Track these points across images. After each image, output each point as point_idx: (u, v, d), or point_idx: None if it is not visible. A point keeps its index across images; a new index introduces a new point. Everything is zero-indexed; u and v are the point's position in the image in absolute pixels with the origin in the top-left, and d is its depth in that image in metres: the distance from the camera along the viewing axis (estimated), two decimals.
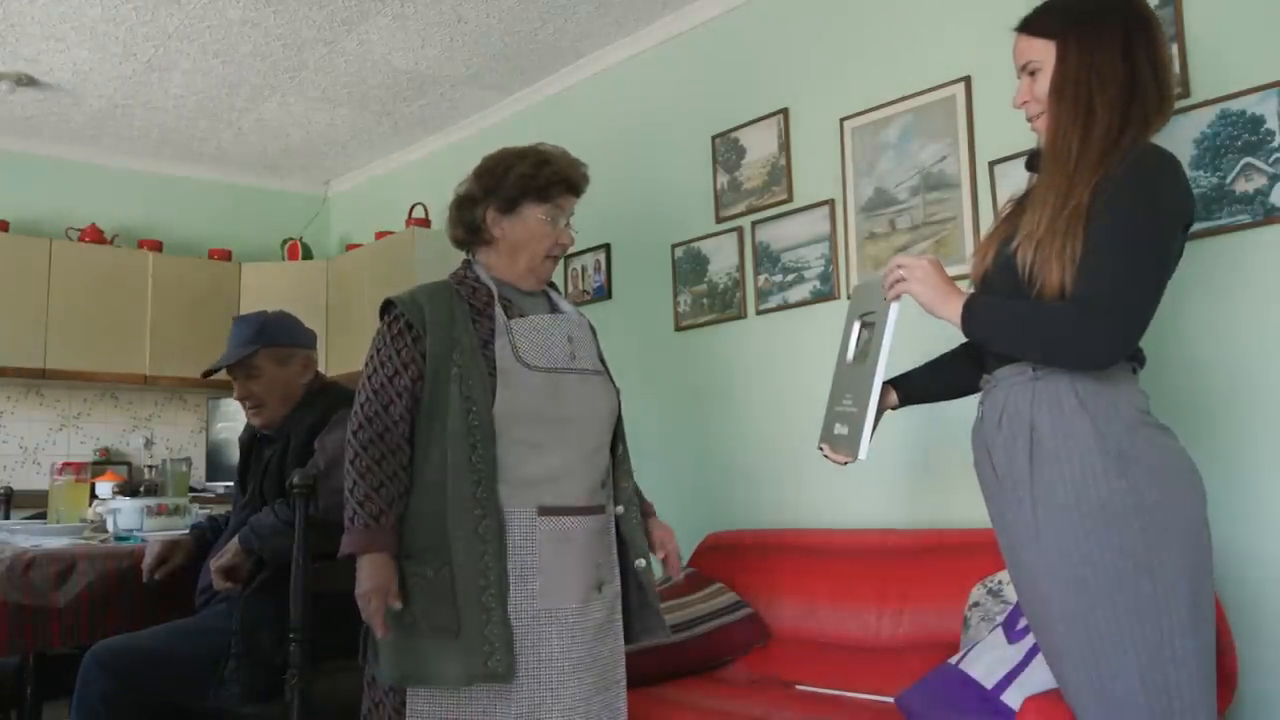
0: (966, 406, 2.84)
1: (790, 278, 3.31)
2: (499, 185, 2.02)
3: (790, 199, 3.33)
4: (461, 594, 1.80)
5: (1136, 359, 1.66)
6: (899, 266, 1.72)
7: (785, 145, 3.37)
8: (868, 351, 1.82)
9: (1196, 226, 2.37)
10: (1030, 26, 1.74)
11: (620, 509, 2.03)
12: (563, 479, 1.92)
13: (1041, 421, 1.60)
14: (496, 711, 1.81)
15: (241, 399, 2.66)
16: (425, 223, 4.81)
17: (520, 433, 1.88)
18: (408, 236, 4.70)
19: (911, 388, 1.96)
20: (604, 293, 4.00)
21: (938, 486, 2.85)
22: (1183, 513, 1.54)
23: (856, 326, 1.91)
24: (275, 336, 2.65)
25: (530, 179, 2.01)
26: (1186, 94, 2.43)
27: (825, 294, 3.19)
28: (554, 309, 2.10)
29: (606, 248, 4.00)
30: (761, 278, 3.40)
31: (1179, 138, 2.42)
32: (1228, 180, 2.34)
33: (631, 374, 3.33)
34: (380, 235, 5.07)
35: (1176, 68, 2.45)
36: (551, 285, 2.16)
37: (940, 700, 2.04)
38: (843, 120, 3.18)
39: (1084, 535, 1.54)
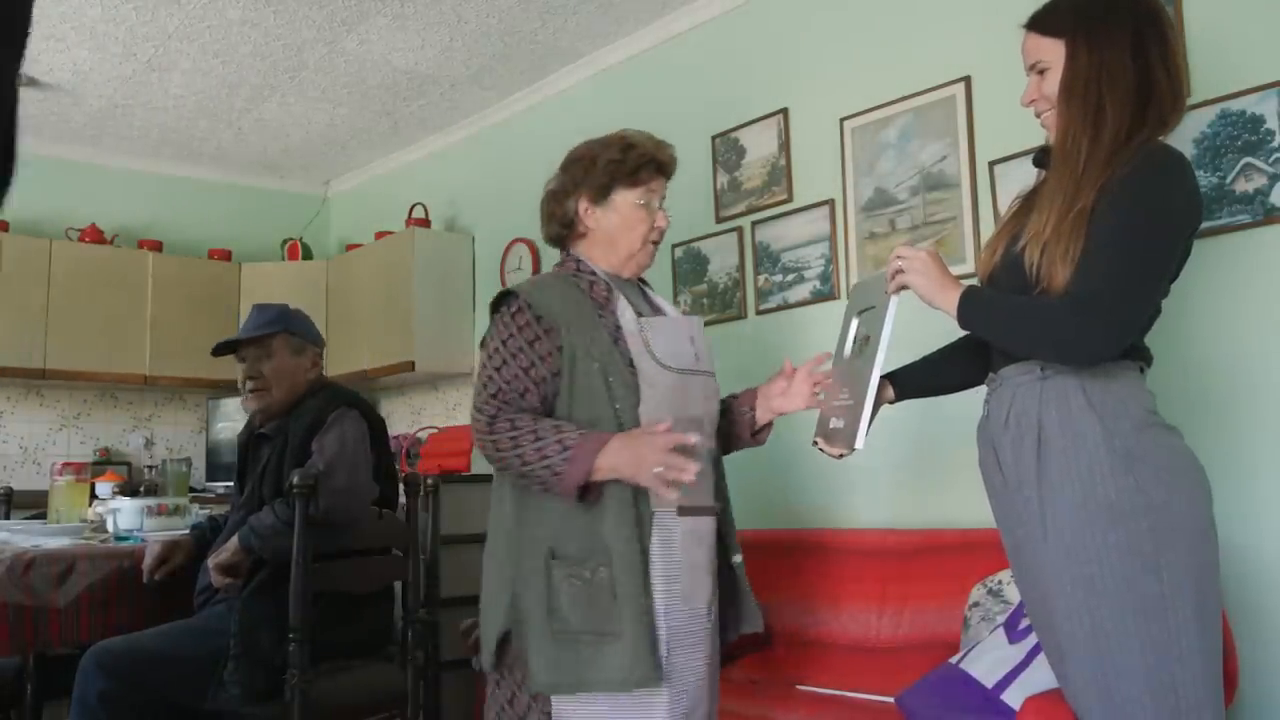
0: (966, 406, 2.85)
1: (790, 278, 3.31)
2: (588, 175, 1.97)
3: (790, 199, 3.33)
4: (622, 595, 1.75)
5: (1144, 359, 1.65)
6: (899, 258, 1.73)
7: (785, 145, 3.37)
8: (865, 346, 1.83)
9: None
10: (1039, 25, 1.72)
11: (718, 505, 2.03)
12: (697, 479, 1.88)
13: (1049, 421, 1.60)
14: (647, 713, 1.78)
15: (250, 377, 2.66)
16: (425, 223, 4.82)
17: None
18: (407, 236, 4.71)
19: (908, 382, 1.96)
20: None
21: (938, 486, 2.85)
22: (1190, 512, 1.54)
23: (855, 324, 1.92)
24: (295, 326, 2.71)
25: (619, 164, 1.96)
26: (1187, 93, 2.43)
27: (825, 294, 3.19)
28: (647, 300, 2.06)
29: None
30: (761, 278, 3.40)
31: (1179, 138, 2.42)
32: (1228, 180, 2.34)
33: None
34: (380, 235, 5.07)
35: None
36: (641, 279, 2.11)
37: (941, 699, 2.04)
38: (843, 120, 3.18)
39: (1091, 534, 1.54)
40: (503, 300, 1.92)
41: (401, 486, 2.76)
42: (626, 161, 1.96)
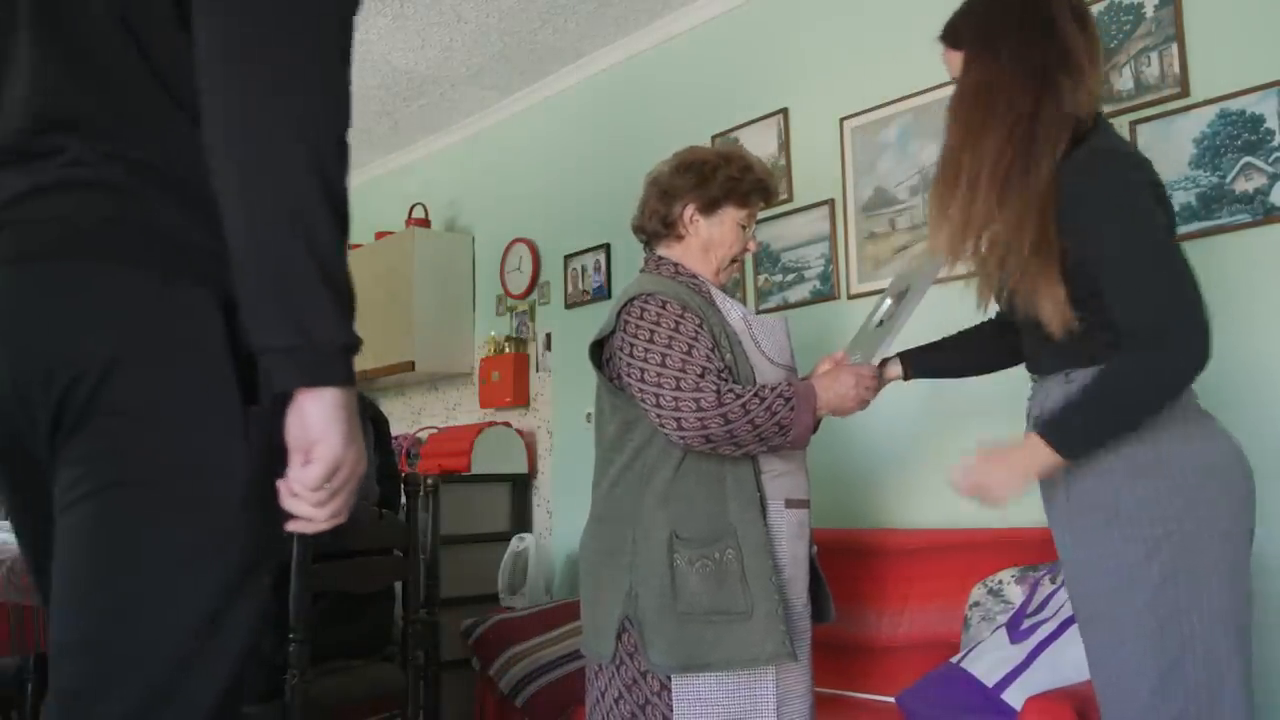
0: (967, 406, 2.85)
1: (790, 278, 3.31)
2: (702, 185, 2.01)
3: (790, 199, 3.33)
4: (750, 575, 1.80)
5: None
6: (971, 485, 1.63)
7: (785, 145, 3.37)
8: (893, 317, 1.93)
9: (1196, 226, 2.38)
10: (944, 35, 1.71)
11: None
12: (796, 473, 1.96)
13: None
14: (758, 696, 1.83)
15: None
16: (425, 223, 4.82)
17: None
18: (408, 236, 4.71)
19: (920, 362, 1.97)
20: (604, 293, 4.00)
21: (938, 486, 2.85)
22: (1213, 516, 1.49)
23: (886, 303, 1.98)
24: None
25: (736, 182, 2.02)
26: (1186, 93, 2.43)
27: (825, 294, 3.19)
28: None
29: (606, 248, 4.00)
30: (761, 278, 3.40)
31: (1179, 137, 2.42)
32: (1227, 180, 2.34)
33: None
34: (380, 235, 5.07)
35: (1176, 67, 2.45)
36: None
37: (941, 699, 2.05)
38: (842, 120, 3.18)
39: (1109, 547, 1.51)
40: (639, 300, 1.91)
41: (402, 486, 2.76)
42: (744, 182, 2.03)
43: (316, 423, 0.95)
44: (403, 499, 2.77)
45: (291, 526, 1.00)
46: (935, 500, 2.84)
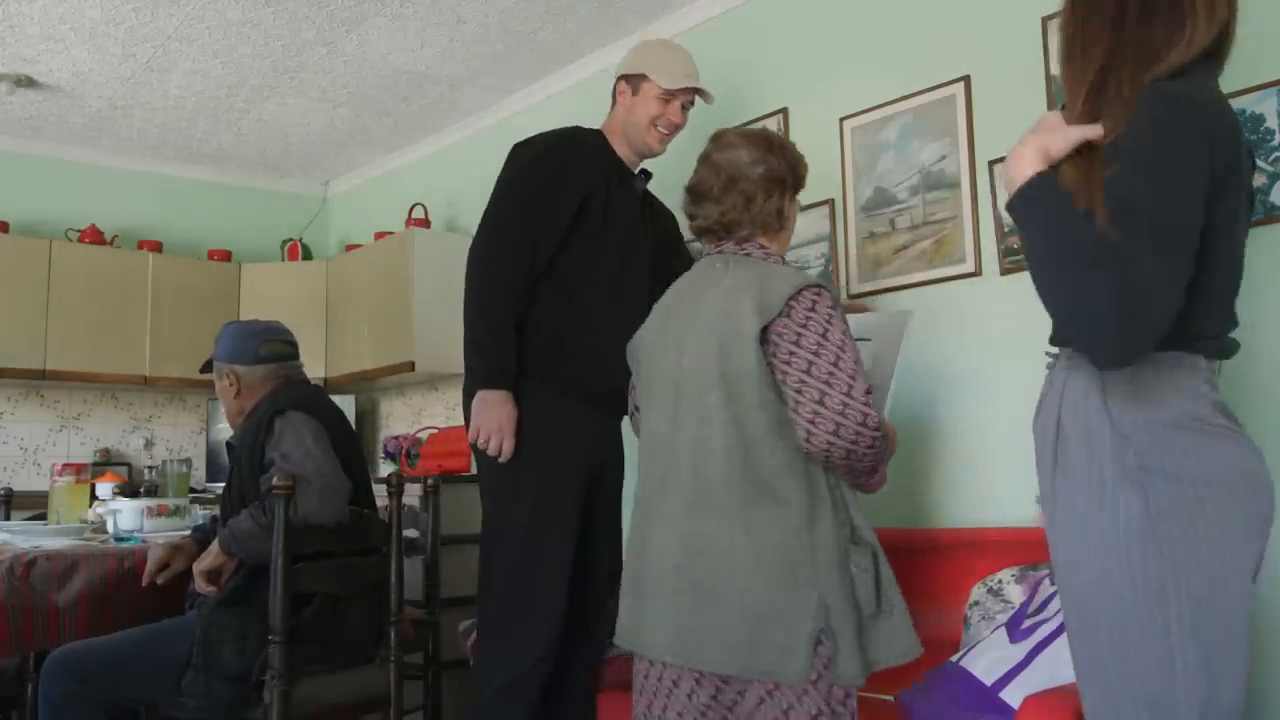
0: (971, 406, 2.85)
1: None
2: (795, 171, 2.01)
3: None
4: (884, 575, 1.83)
5: (1202, 348, 1.45)
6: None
7: None
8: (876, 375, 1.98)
9: None
10: None
11: None
12: None
13: (1066, 420, 1.41)
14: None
15: None
16: (424, 223, 4.82)
17: None
18: (407, 237, 4.71)
19: None
20: None
21: (938, 486, 2.85)
22: (1217, 533, 1.33)
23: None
24: (216, 353, 2.80)
25: (805, 168, 2.04)
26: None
27: None
28: None
29: None
30: None
31: None
32: None
33: None
34: (380, 236, 5.07)
35: None
36: None
37: (940, 697, 2.05)
38: (843, 120, 3.18)
39: (1092, 560, 1.37)
40: (811, 290, 1.83)
41: (385, 487, 2.76)
42: (802, 165, 2.04)
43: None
44: (384, 500, 2.77)
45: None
46: (936, 500, 2.84)
